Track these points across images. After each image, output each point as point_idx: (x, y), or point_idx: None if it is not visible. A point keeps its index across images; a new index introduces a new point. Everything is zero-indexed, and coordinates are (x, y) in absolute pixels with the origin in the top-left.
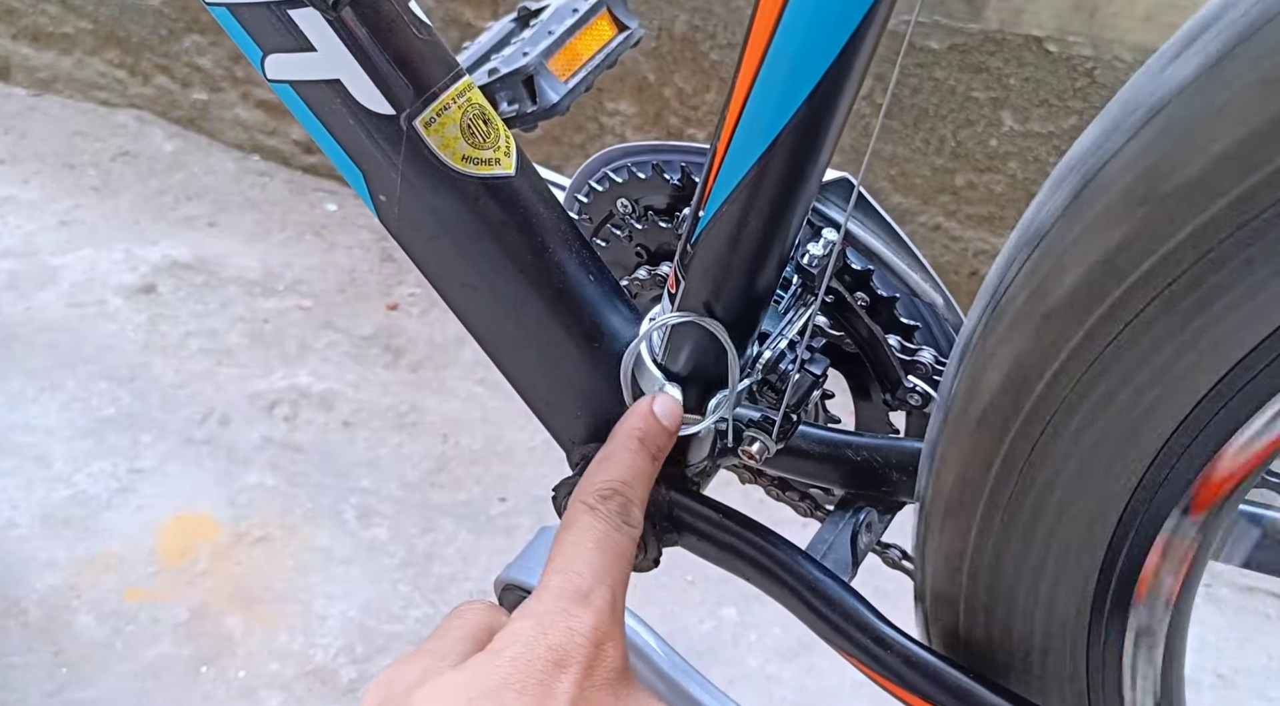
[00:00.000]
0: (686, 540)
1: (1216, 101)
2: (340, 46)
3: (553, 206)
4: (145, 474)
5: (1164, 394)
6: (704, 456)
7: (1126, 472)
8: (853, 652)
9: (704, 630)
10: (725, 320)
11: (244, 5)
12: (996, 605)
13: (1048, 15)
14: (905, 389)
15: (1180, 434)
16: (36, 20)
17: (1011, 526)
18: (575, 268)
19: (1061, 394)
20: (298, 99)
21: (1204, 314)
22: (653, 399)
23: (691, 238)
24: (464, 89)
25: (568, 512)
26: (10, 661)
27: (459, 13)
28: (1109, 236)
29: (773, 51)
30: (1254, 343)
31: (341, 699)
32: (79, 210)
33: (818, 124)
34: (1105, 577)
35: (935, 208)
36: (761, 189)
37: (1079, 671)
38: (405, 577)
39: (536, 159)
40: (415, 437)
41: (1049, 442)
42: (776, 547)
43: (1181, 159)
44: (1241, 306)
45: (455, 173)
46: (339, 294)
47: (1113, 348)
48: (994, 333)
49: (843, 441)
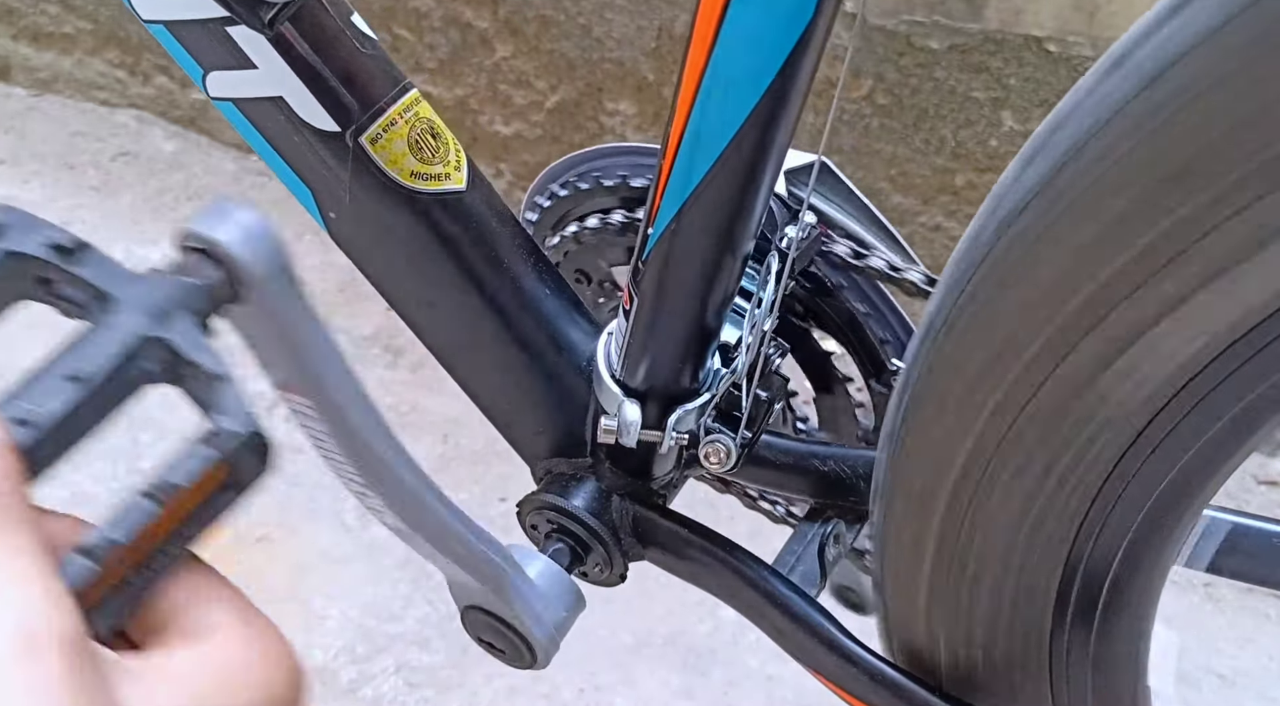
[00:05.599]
0: (652, 554)
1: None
2: (281, 63)
3: (507, 221)
4: (145, 474)
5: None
6: (668, 470)
7: (1085, 483)
8: (819, 669)
9: (704, 630)
10: (681, 334)
11: (182, 23)
12: (958, 616)
13: (1048, 15)
14: (889, 372)
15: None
16: (36, 20)
17: (969, 537)
18: (532, 282)
19: (1022, 399)
20: (241, 117)
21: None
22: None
23: (643, 254)
24: (411, 103)
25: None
26: None
27: (459, 13)
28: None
29: (711, 69)
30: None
31: (342, 699)
32: (79, 210)
33: (762, 139)
34: (1066, 588)
35: (935, 208)
36: (709, 205)
37: (1043, 682)
38: (405, 577)
39: (536, 160)
40: (415, 437)
41: (1007, 452)
42: (742, 563)
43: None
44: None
45: (404, 189)
46: (339, 294)
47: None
48: (948, 339)
49: (809, 451)
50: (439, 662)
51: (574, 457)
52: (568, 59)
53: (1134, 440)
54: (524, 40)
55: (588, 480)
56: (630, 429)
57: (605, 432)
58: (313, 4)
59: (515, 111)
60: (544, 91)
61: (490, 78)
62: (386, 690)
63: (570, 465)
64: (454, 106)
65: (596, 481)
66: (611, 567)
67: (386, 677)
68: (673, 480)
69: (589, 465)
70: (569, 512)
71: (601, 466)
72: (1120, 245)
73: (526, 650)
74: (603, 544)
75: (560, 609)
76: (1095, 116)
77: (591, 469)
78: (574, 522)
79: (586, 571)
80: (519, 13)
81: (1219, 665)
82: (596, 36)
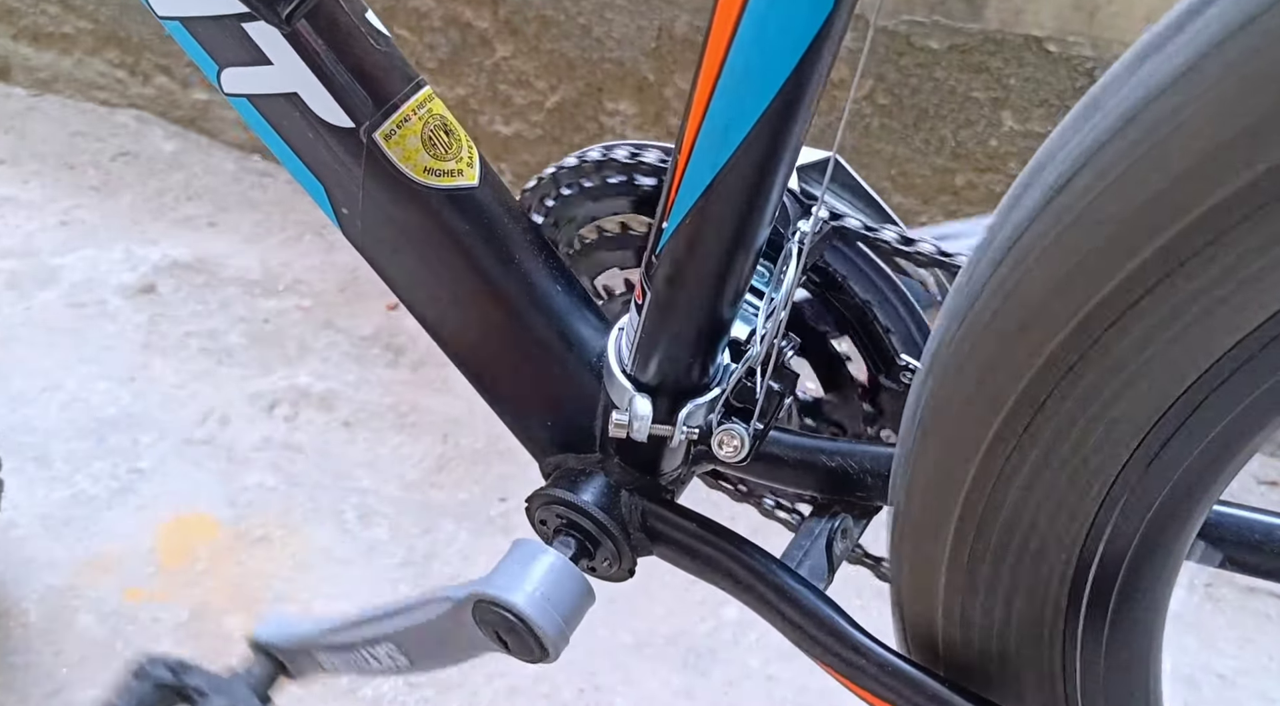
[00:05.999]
0: (660, 549)
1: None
2: (296, 60)
3: (518, 217)
4: (145, 474)
5: (1140, 394)
6: (677, 465)
7: (1103, 474)
8: (829, 662)
9: (704, 630)
10: (693, 328)
11: (198, 19)
12: (974, 612)
13: (1048, 15)
14: (899, 368)
15: (1153, 434)
16: (36, 20)
17: (986, 532)
18: (542, 278)
19: (1039, 399)
20: (255, 113)
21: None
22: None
23: (656, 249)
24: (424, 100)
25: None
26: (10, 661)
27: (459, 13)
28: (1070, 258)
29: (729, 64)
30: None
31: (342, 699)
32: (79, 210)
33: (778, 134)
34: (1079, 582)
35: (935, 208)
36: (724, 199)
37: (1057, 679)
38: (405, 577)
39: (537, 160)
40: (415, 437)
41: (1026, 447)
42: (751, 557)
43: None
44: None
45: (417, 185)
46: (339, 294)
47: (1093, 349)
48: (967, 337)
49: (817, 446)
50: None
51: (583, 453)
52: (568, 59)
53: (1145, 435)
54: (524, 40)
55: (597, 475)
56: (641, 423)
57: (616, 427)
58: (328, 1)
59: (515, 111)
60: (544, 91)
61: (490, 78)
62: (386, 690)
63: (579, 460)
64: (454, 106)
65: (605, 476)
66: (620, 562)
67: (387, 677)
68: (681, 475)
69: (598, 460)
70: (578, 507)
71: (611, 461)
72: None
73: (536, 644)
74: (612, 539)
75: (570, 603)
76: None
77: (600, 464)
78: (583, 517)
79: (595, 566)
80: (519, 13)
81: (1219, 665)
82: (596, 36)
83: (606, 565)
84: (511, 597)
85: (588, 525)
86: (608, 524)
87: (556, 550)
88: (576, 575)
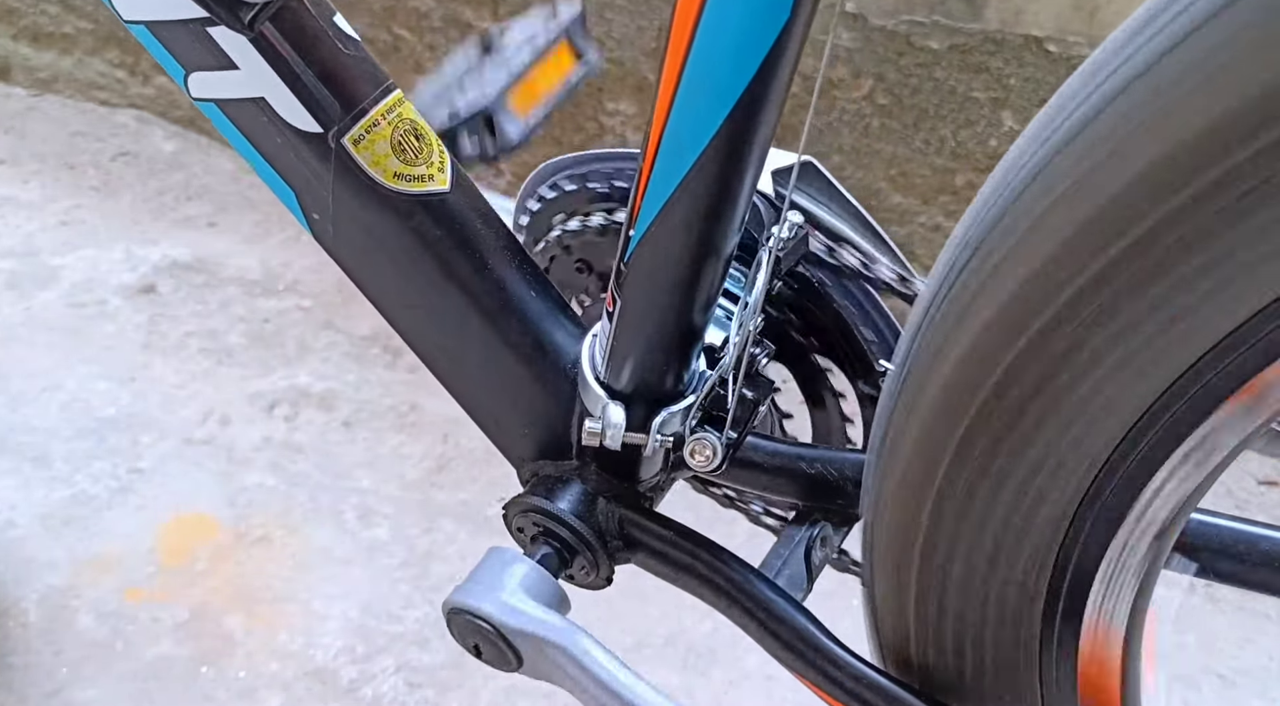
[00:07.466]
0: (638, 557)
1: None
2: (263, 64)
3: (491, 222)
4: (145, 474)
5: (1114, 395)
6: (655, 472)
7: (1075, 479)
8: (805, 674)
9: (703, 630)
10: (664, 336)
11: (162, 24)
12: (946, 621)
13: (1048, 15)
14: (878, 374)
15: (1124, 444)
16: (36, 20)
17: (956, 539)
18: (516, 283)
19: (1009, 400)
20: (224, 118)
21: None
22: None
23: (624, 257)
24: (394, 104)
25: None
26: (10, 661)
27: (459, 13)
28: (1039, 254)
29: (688, 71)
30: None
31: (342, 699)
32: (79, 210)
33: (742, 140)
34: (1054, 592)
35: (935, 208)
36: (689, 206)
37: (1033, 688)
38: (405, 577)
39: (536, 159)
40: (415, 438)
41: (995, 447)
42: (729, 566)
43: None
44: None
45: (387, 190)
46: (338, 294)
47: (1063, 349)
48: (933, 341)
49: (796, 453)
50: (439, 662)
51: (560, 460)
52: None
53: (1119, 441)
54: None
55: (573, 483)
56: (614, 431)
57: (589, 435)
58: (294, 4)
59: None
60: None
61: None
62: (386, 690)
63: (556, 467)
64: None
65: (582, 484)
66: (597, 571)
67: (386, 677)
68: (659, 483)
69: (575, 467)
70: (554, 515)
71: (587, 469)
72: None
73: (511, 653)
74: (588, 547)
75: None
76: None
77: (577, 471)
78: (559, 525)
79: (573, 574)
80: (518, 13)
81: (1219, 665)
82: (596, 36)
83: (584, 573)
84: (482, 605)
85: (564, 533)
86: (584, 532)
87: (531, 558)
88: (550, 583)
